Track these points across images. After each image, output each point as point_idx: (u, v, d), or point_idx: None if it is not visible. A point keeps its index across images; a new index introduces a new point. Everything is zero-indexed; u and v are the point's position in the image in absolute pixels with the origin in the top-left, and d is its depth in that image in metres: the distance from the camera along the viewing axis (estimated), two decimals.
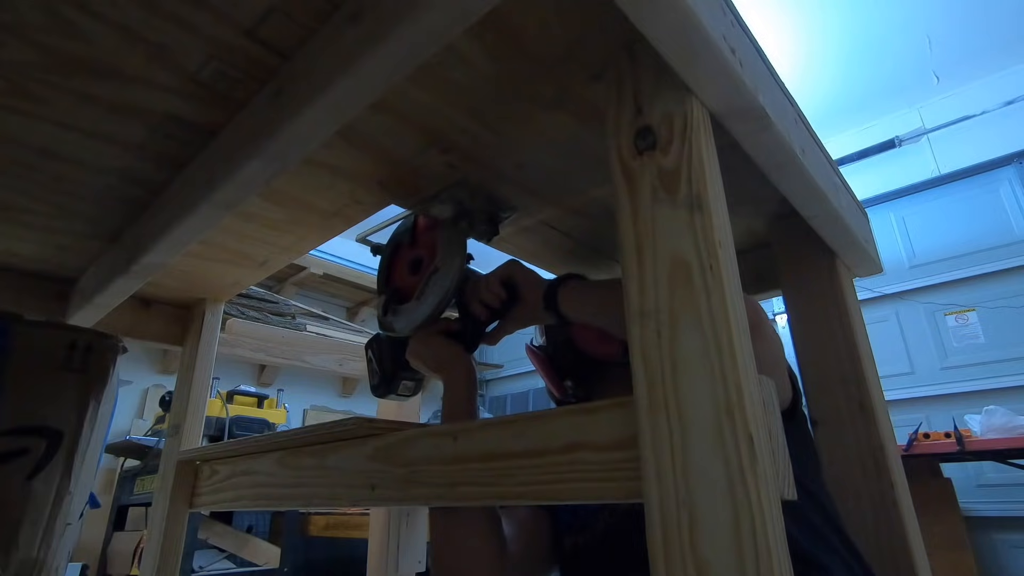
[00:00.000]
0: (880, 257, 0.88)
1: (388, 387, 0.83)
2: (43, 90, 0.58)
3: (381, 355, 0.84)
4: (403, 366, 0.81)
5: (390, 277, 0.85)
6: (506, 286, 0.72)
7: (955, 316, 2.78)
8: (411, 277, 0.80)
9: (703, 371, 0.37)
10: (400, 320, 0.78)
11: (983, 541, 2.46)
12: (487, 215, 0.77)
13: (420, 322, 0.76)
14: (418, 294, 0.76)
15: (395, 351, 0.82)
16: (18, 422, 0.89)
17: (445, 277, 0.74)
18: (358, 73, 0.46)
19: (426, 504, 0.70)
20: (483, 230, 0.78)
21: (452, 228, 0.76)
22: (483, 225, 0.77)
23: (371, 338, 0.86)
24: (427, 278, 0.76)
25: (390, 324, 0.80)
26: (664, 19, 0.39)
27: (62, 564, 0.91)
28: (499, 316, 0.75)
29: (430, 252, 0.78)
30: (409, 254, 0.82)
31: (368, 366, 0.86)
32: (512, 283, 0.72)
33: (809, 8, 2.65)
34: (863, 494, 0.70)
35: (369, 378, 0.86)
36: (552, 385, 0.82)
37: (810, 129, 0.65)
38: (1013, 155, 2.81)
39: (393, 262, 0.85)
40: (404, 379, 0.83)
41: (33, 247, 0.92)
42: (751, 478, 0.34)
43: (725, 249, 0.40)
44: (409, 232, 0.83)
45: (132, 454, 2.25)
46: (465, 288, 0.76)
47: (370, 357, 0.86)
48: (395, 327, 0.79)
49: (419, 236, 0.82)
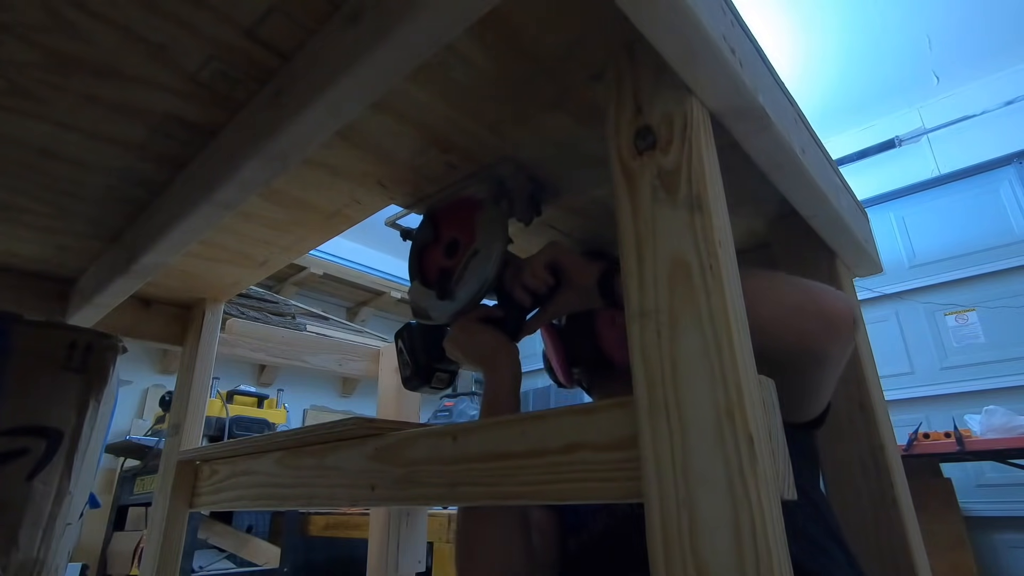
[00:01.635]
0: (880, 257, 0.88)
1: (422, 379, 0.77)
2: (43, 90, 0.58)
3: (413, 345, 0.78)
4: (437, 357, 0.76)
5: (423, 261, 0.79)
6: (552, 271, 0.68)
7: (955, 316, 2.78)
8: (448, 261, 0.75)
9: (703, 371, 0.37)
10: (436, 306, 0.73)
11: (983, 541, 2.46)
12: (529, 195, 0.72)
13: (458, 309, 0.71)
14: (457, 277, 0.72)
15: (428, 341, 0.77)
16: (18, 422, 0.89)
17: (486, 261, 0.69)
18: (358, 73, 0.46)
19: (426, 504, 0.70)
20: (524, 211, 0.72)
21: (493, 208, 0.71)
22: (525, 205, 0.72)
23: (401, 328, 0.81)
24: (466, 261, 0.71)
25: (424, 311, 0.75)
26: (664, 19, 0.39)
27: (62, 564, 0.91)
28: (542, 302, 0.71)
29: (467, 234, 0.73)
30: (445, 236, 0.77)
31: (399, 358, 0.80)
32: (558, 267, 0.68)
33: (809, 8, 2.65)
34: (863, 494, 0.70)
35: (400, 370, 0.81)
36: (560, 369, 0.80)
37: (810, 129, 0.65)
38: (1013, 155, 2.81)
39: (427, 244, 0.80)
40: (438, 371, 0.78)
41: (33, 247, 0.92)
42: (751, 478, 0.34)
43: (725, 249, 0.40)
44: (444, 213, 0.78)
45: (132, 454, 2.25)
46: (505, 273, 0.71)
47: (400, 348, 0.80)
48: (431, 314, 0.74)
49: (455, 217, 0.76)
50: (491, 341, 0.70)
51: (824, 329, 0.55)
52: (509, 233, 0.72)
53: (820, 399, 0.64)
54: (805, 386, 0.61)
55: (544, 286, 0.68)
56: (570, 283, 0.68)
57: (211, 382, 1.13)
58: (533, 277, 0.68)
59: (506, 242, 0.71)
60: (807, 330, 0.54)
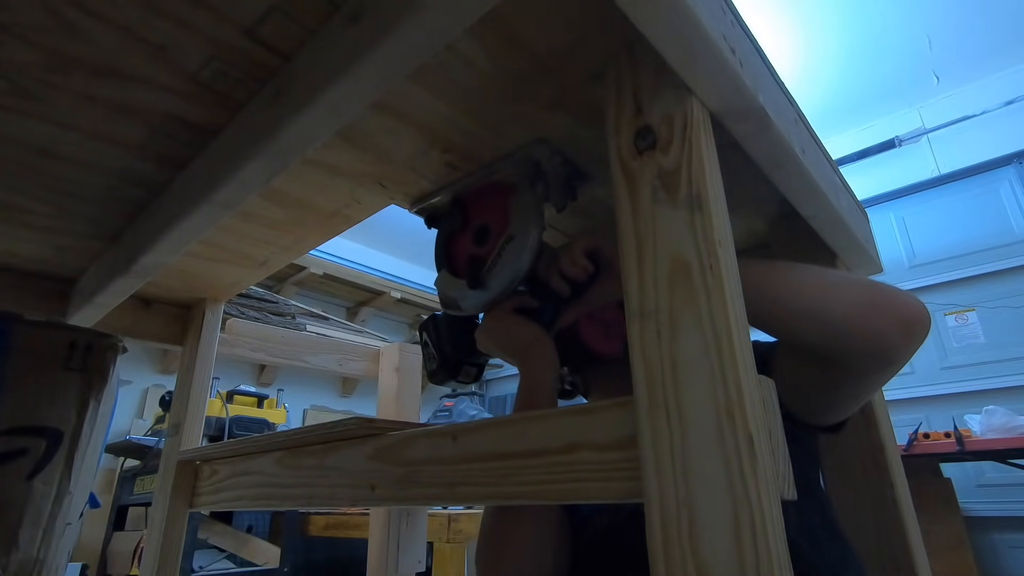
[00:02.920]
0: (880, 257, 0.88)
1: (449, 373, 0.75)
2: (43, 90, 0.58)
3: (439, 337, 0.75)
4: (464, 350, 0.73)
5: (451, 249, 0.76)
6: (592, 258, 0.65)
7: (955, 316, 2.78)
8: (478, 248, 0.72)
9: (703, 371, 0.37)
10: (467, 296, 0.70)
11: (983, 541, 2.46)
12: (565, 179, 0.68)
13: (491, 299, 0.68)
14: (490, 266, 0.68)
15: (455, 333, 0.74)
16: (18, 422, 0.89)
17: (522, 247, 0.66)
18: (358, 73, 0.46)
19: (426, 504, 0.69)
20: (561, 195, 0.68)
21: (528, 192, 0.68)
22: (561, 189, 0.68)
23: (426, 319, 0.78)
24: (500, 248, 0.68)
25: (454, 300, 0.71)
26: (664, 19, 0.39)
27: (62, 564, 0.91)
28: (579, 292, 0.67)
29: (500, 220, 0.69)
30: (474, 222, 0.74)
31: (424, 351, 0.78)
32: (598, 254, 0.65)
33: (809, 8, 2.65)
34: (863, 494, 0.70)
35: (425, 363, 0.78)
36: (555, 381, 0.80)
37: (810, 129, 0.65)
38: (1013, 155, 2.82)
39: (454, 232, 0.76)
40: (466, 363, 0.75)
41: (33, 247, 0.92)
42: (751, 478, 0.34)
43: (725, 249, 0.40)
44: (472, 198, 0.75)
45: (132, 454, 2.25)
46: (539, 261, 0.68)
47: (425, 341, 0.77)
48: (461, 305, 0.71)
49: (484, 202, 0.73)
50: (527, 333, 0.67)
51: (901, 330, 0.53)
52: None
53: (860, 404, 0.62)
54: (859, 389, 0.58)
55: (584, 274, 0.65)
56: (611, 271, 0.65)
57: (211, 382, 1.13)
58: (572, 265, 0.64)
59: (542, 228, 0.67)
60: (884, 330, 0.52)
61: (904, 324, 0.53)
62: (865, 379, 0.57)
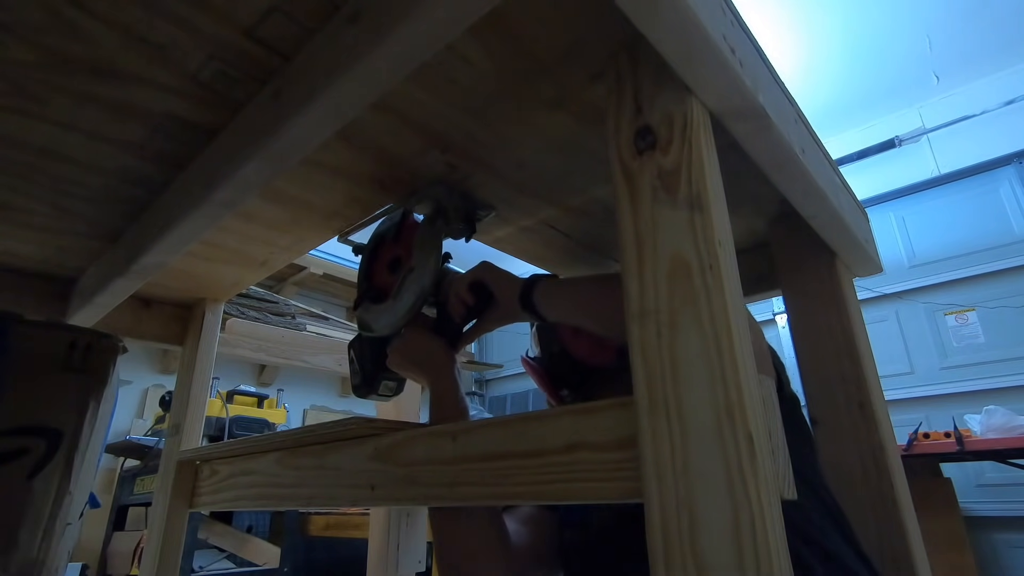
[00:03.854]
0: (880, 257, 0.88)
1: (369, 387, 0.82)
2: (43, 90, 0.58)
3: (362, 355, 0.83)
4: (383, 366, 0.80)
5: (370, 275, 0.85)
6: (475, 290, 0.72)
7: (955, 316, 2.78)
8: (389, 276, 0.80)
9: (703, 371, 0.37)
10: (378, 319, 0.78)
11: (983, 541, 2.46)
12: (464, 213, 0.77)
13: (397, 321, 0.76)
14: (394, 293, 0.77)
15: (375, 351, 0.81)
16: (18, 422, 0.89)
17: (420, 277, 0.74)
18: (358, 73, 0.46)
19: (426, 504, 0.70)
20: (459, 228, 0.77)
21: (428, 227, 0.77)
22: (459, 223, 0.77)
23: (353, 338, 0.86)
24: (403, 278, 0.76)
25: (367, 323, 0.80)
26: (664, 19, 0.39)
27: (62, 564, 0.91)
28: (476, 316, 0.75)
29: (407, 251, 0.78)
30: (389, 253, 0.82)
31: (350, 367, 0.86)
32: (482, 286, 0.72)
33: (809, 8, 2.65)
34: (863, 494, 0.70)
35: (351, 378, 0.86)
36: (550, 396, 0.82)
37: (810, 129, 0.65)
38: (1013, 155, 2.81)
39: (373, 260, 0.85)
40: (385, 379, 0.82)
41: (33, 247, 0.92)
42: (751, 478, 0.34)
43: (725, 249, 0.40)
44: (394, 229, 0.83)
45: (132, 454, 2.25)
46: (441, 287, 0.77)
47: (352, 357, 0.85)
48: (372, 327, 0.79)
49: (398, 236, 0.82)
50: (430, 346, 0.74)
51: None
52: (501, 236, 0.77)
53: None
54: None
55: (463, 306, 0.73)
56: (497, 300, 0.72)
57: (211, 382, 1.13)
58: (455, 296, 0.73)
59: (440, 259, 0.76)
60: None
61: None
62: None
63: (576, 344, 0.77)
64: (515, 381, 4.61)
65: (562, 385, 0.81)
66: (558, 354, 0.79)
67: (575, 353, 0.77)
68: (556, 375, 0.80)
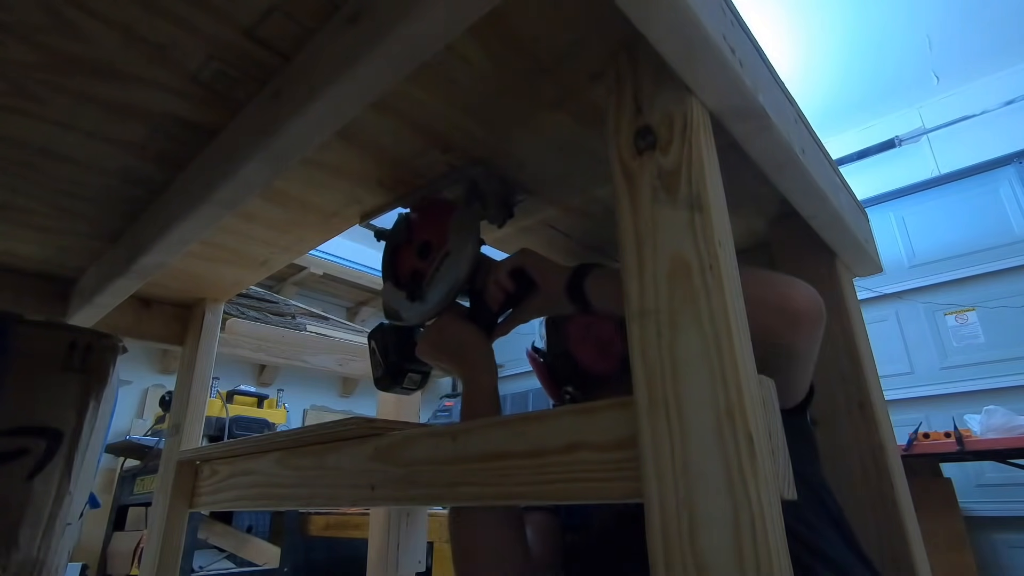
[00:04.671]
0: (880, 257, 0.88)
1: (393, 380, 0.77)
2: (43, 90, 0.58)
3: (386, 346, 0.78)
4: (409, 357, 0.76)
5: (396, 261, 0.80)
6: (516, 277, 0.68)
7: (955, 316, 2.78)
8: (419, 262, 0.75)
9: (703, 371, 0.37)
10: (408, 307, 0.74)
11: (983, 541, 2.46)
12: (500, 197, 0.73)
13: (430, 310, 0.71)
14: (428, 279, 0.72)
15: (400, 342, 0.77)
16: (18, 422, 0.89)
17: (457, 262, 0.70)
18: (358, 73, 0.46)
19: (426, 504, 0.70)
20: (496, 213, 0.73)
21: (465, 210, 0.72)
22: (496, 208, 0.72)
23: (374, 328, 0.81)
24: (438, 263, 0.71)
25: (396, 311, 0.75)
26: (664, 19, 0.39)
27: (62, 564, 0.91)
28: (513, 305, 0.71)
29: (440, 236, 0.73)
30: (419, 237, 0.77)
31: (371, 358, 0.81)
32: (523, 273, 0.68)
33: (809, 8, 2.65)
34: (863, 494, 0.70)
35: (372, 371, 0.81)
36: (550, 392, 0.82)
37: (810, 129, 0.65)
38: (1013, 155, 2.81)
39: (400, 245, 0.80)
40: (410, 371, 0.78)
41: (33, 247, 0.92)
42: (751, 478, 0.34)
43: (725, 249, 0.40)
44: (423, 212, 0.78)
45: (132, 454, 2.25)
46: (478, 275, 0.72)
47: (373, 348, 0.80)
48: (402, 315, 0.74)
49: (428, 219, 0.77)
50: (467, 337, 0.69)
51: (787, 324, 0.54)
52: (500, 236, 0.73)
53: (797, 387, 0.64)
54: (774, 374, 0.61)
55: (503, 294, 0.69)
56: (539, 288, 0.67)
57: (211, 382, 1.13)
58: (495, 284, 0.69)
59: (478, 244, 0.71)
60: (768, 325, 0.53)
61: (790, 319, 0.54)
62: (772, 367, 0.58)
63: (582, 350, 0.76)
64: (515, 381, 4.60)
65: (564, 383, 0.80)
66: (561, 355, 0.78)
67: (579, 358, 0.76)
68: (558, 374, 0.79)
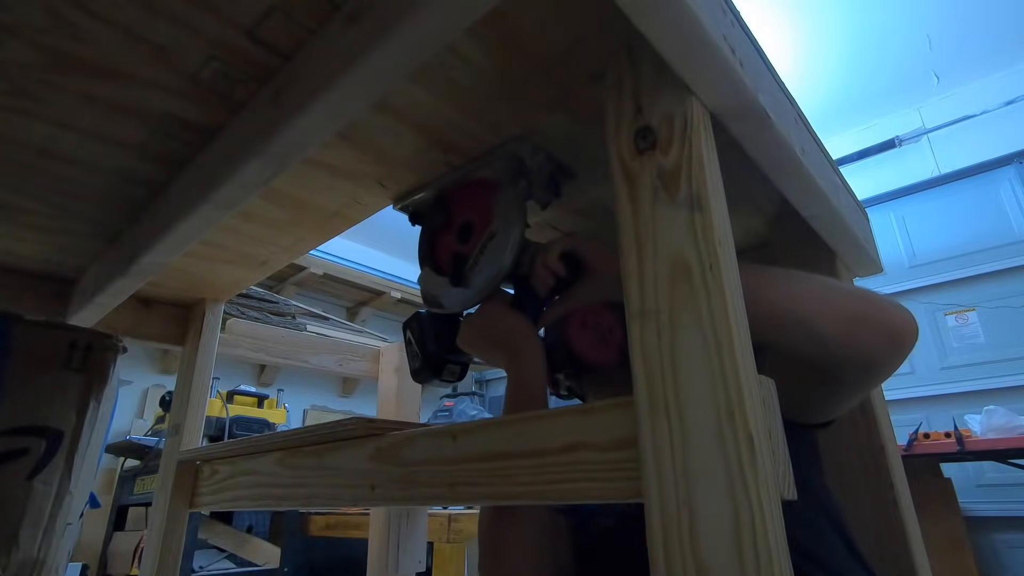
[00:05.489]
0: (880, 257, 0.88)
1: (433, 371, 0.73)
2: (43, 90, 0.58)
3: (423, 335, 0.73)
4: (449, 348, 0.72)
5: (434, 246, 0.75)
6: (567, 261, 0.63)
7: (955, 316, 2.78)
8: (461, 244, 0.71)
9: (703, 371, 0.37)
10: (449, 293, 0.69)
11: (983, 541, 2.46)
12: (549, 175, 0.68)
13: (474, 296, 0.67)
14: (472, 262, 0.68)
15: (439, 331, 0.72)
16: (18, 422, 0.89)
17: (503, 245, 0.65)
18: (358, 73, 0.46)
19: (426, 504, 0.69)
20: (544, 192, 0.67)
21: (511, 189, 0.67)
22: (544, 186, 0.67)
23: (410, 317, 0.76)
24: (482, 245, 0.67)
25: (436, 298, 0.71)
26: (664, 19, 0.39)
27: (62, 564, 0.91)
28: (561, 291, 0.66)
29: (483, 216, 0.68)
30: (460, 217, 0.73)
31: (407, 349, 0.76)
32: (575, 257, 0.63)
33: (809, 8, 2.65)
34: (863, 494, 0.70)
35: (409, 361, 0.76)
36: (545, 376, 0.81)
37: (810, 129, 0.65)
38: (1013, 155, 2.81)
39: (439, 226, 0.75)
40: (450, 362, 0.73)
41: (33, 247, 0.92)
42: (751, 478, 0.34)
43: (725, 249, 0.40)
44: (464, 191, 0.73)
45: (132, 454, 2.25)
46: (523, 258, 0.67)
47: (409, 339, 0.75)
48: (443, 302, 0.70)
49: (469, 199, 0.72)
50: (516, 325, 0.65)
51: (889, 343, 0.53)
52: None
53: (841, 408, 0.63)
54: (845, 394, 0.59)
55: (553, 278, 0.64)
56: (592, 272, 0.63)
57: (211, 382, 1.13)
58: (544, 267, 0.64)
59: (524, 225, 0.66)
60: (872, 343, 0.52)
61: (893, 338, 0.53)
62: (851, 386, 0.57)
63: (580, 338, 0.74)
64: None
65: (558, 369, 0.78)
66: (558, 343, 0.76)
67: (576, 348, 0.75)
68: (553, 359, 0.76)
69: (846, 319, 0.52)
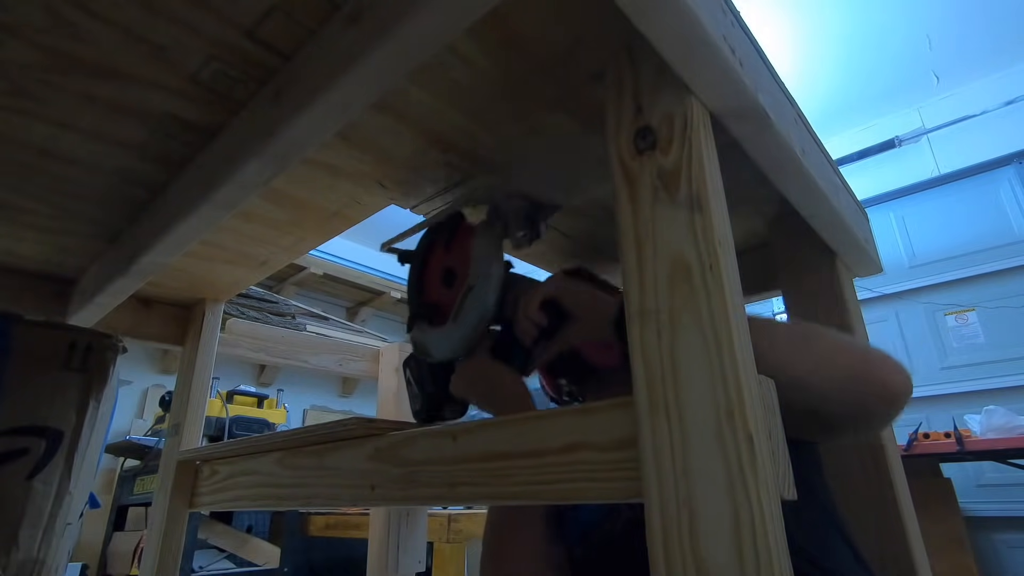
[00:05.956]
0: (880, 257, 0.88)
1: (435, 412, 0.73)
2: (43, 90, 0.58)
3: (421, 376, 0.74)
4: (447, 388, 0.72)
5: (422, 290, 0.76)
6: (548, 309, 0.64)
7: (955, 316, 2.78)
8: (444, 291, 0.71)
9: (703, 371, 0.37)
10: (437, 344, 0.70)
11: (983, 541, 2.46)
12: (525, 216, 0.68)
13: (458, 347, 0.68)
14: (453, 315, 0.68)
15: (437, 372, 0.73)
16: (18, 422, 0.89)
17: (482, 295, 0.65)
18: (358, 73, 0.46)
19: (426, 504, 0.69)
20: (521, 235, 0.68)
21: (486, 233, 0.67)
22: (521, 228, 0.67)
23: (408, 356, 0.77)
24: (461, 298, 0.67)
25: (425, 348, 0.71)
26: (664, 19, 0.39)
27: (62, 564, 0.91)
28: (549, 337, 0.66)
29: (463, 263, 0.69)
30: (441, 263, 0.73)
31: (408, 389, 0.77)
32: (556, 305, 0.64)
33: (809, 8, 2.65)
34: (863, 494, 0.70)
35: (410, 402, 0.77)
36: (546, 382, 0.81)
37: (810, 129, 0.65)
38: (1013, 155, 2.81)
39: (424, 272, 0.75)
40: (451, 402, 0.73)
41: (33, 247, 0.92)
42: (751, 478, 0.34)
43: (725, 249, 0.40)
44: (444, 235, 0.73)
45: (132, 454, 2.25)
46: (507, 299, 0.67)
47: (408, 379, 0.76)
48: (431, 351, 0.71)
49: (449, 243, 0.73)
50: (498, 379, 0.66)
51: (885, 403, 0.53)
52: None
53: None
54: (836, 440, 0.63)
55: (535, 328, 0.65)
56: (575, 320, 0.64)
57: (211, 382, 1.13)
58: (524, 318, 0.65)
59: (503, 267, 0.67)
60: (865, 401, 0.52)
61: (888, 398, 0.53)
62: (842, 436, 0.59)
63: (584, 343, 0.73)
64: None
65: (559, 375, 0.78)
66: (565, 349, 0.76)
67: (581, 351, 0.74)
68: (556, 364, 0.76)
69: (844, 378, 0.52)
